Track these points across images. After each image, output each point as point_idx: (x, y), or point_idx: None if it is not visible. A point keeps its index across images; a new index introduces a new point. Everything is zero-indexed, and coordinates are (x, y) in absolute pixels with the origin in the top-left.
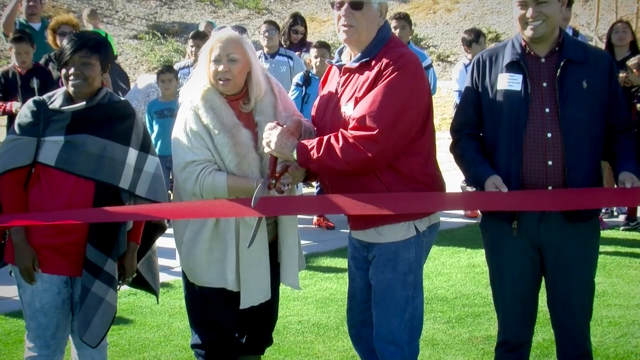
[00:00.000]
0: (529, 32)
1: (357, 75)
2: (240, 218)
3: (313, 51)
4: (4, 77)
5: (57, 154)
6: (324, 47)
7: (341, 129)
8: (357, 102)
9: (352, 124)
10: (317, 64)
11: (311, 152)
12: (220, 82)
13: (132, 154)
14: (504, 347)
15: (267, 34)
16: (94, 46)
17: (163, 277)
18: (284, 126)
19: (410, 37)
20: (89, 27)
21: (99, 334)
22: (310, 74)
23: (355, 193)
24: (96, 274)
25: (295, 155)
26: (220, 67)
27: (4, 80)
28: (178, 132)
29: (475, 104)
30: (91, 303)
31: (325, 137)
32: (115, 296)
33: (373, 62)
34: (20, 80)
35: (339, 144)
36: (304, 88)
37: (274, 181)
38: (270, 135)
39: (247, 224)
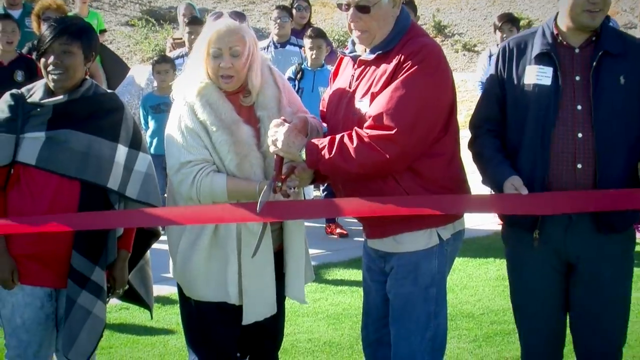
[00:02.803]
0: (587, 20)
1: (373, 68)
2: (242, 224)
3: (307, 41)
4: None
5: (38, 151)
6: (320, 37)
7: (356, 128)
8: (373, 98)
9: (368, 122)
10: (313, 56)
11: (322, 152)
12: (223, 80)
13: (122, 151)
14: None
15: (279, 20)
16: (75, 32)
17: (157, 290)
18: (292, 123)
19: None
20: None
21: (86, 352)
22: (303, 67)
23: (370, 197)
24: (82, 284)
25: (304, 156)
26: (223, 63)
27: None
28: (172, 130)
29: (498, 97)
30: (77, 316)
31: (338, 136)
32: (104, 309)
33: (392, 54)
34: (3, 73)
35: (353, 144)
36: (296, 82)
37: (279, 184)
38: (277, 133)
39: (250, 230)
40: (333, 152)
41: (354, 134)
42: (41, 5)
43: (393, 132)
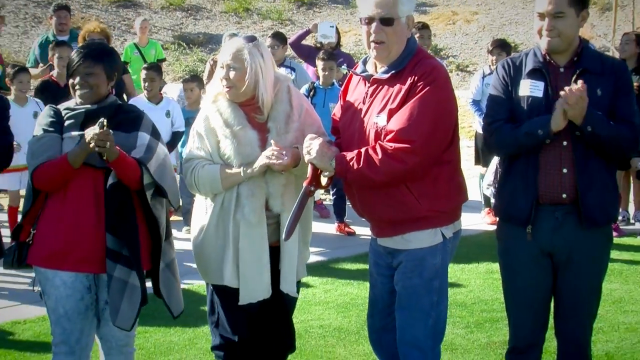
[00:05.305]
0: (544, 44)
1: (386, 87)
2: (241, 216)
3: (320, 63)
4: (43, 86)
5: (73, 148)
6: (331, 60)
7: (379, 142)
8: (390, 113)
9: (390, 136)
10: (326, 75)
11: (350, 163)
12: (225, 89)
13: (144, 136)
14: (514, 352)
15: (270, 49)
16: (97, 56)
17: (189, 281)
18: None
19: (429, 46)
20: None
21: (130, 318)
22: (315, 85)
23: (384, 202)
24: (116, 259)
25: (333, 165)
26: (222, 74)
27: (44, 89)
28: (194, 127)
29: (506, 102)
30: (116, 288)
31: (363, 149)
32: (140, 277)
33: (404, 74)
34: (61, 93)
35: (378, 156)
36: (309, 99)
37: (312, 188)
38: (312, 144)
39: (249, 221)
40: (361, 163)
41: (377, 147)
42: (86, 30)
43: (414, 144)
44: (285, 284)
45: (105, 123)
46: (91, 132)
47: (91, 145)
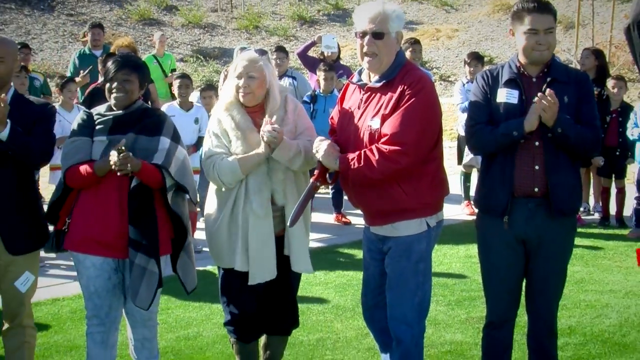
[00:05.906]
0: (536, 57)
1: (379, 94)
2: (250, 209)
3: (321, 73)
4: (94, 92)
5: (102, 151)
6: (331, 71)
7: (375, 144)
8: (383, 118)
9: (384, 139)
10: (326, 83)
11: (351, 163)
12: (241, 94)
13: (165, 141)
14: (490, 327)
15: (277, 60)
16: (133, 66)
17: (207, 265)
18: (330, 141)
19: (420, 59)
20: (157, 49)
21: (147, 299)
22: (316, 93)
23: (376, 195)
24: (137, 248)
25: (337, 164)
26: (241, 82)
27: (94, 94)
28: (207, 131)
29: (485, 107)
30: (136, 273)
31: (362, 151)
32: (158, 265)
33: (395, 83)
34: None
35: (375, 157)
36: (311, 105)
37: (318, 184)
38: (320, 145)
39: (257, 214)
40: (361, 163)
41: (374, 149)
42: (116, 44)
43: (406, 146)
44: (299, 264)
45: (123, 147)
46: (113, 157)
47: (113, 168)
